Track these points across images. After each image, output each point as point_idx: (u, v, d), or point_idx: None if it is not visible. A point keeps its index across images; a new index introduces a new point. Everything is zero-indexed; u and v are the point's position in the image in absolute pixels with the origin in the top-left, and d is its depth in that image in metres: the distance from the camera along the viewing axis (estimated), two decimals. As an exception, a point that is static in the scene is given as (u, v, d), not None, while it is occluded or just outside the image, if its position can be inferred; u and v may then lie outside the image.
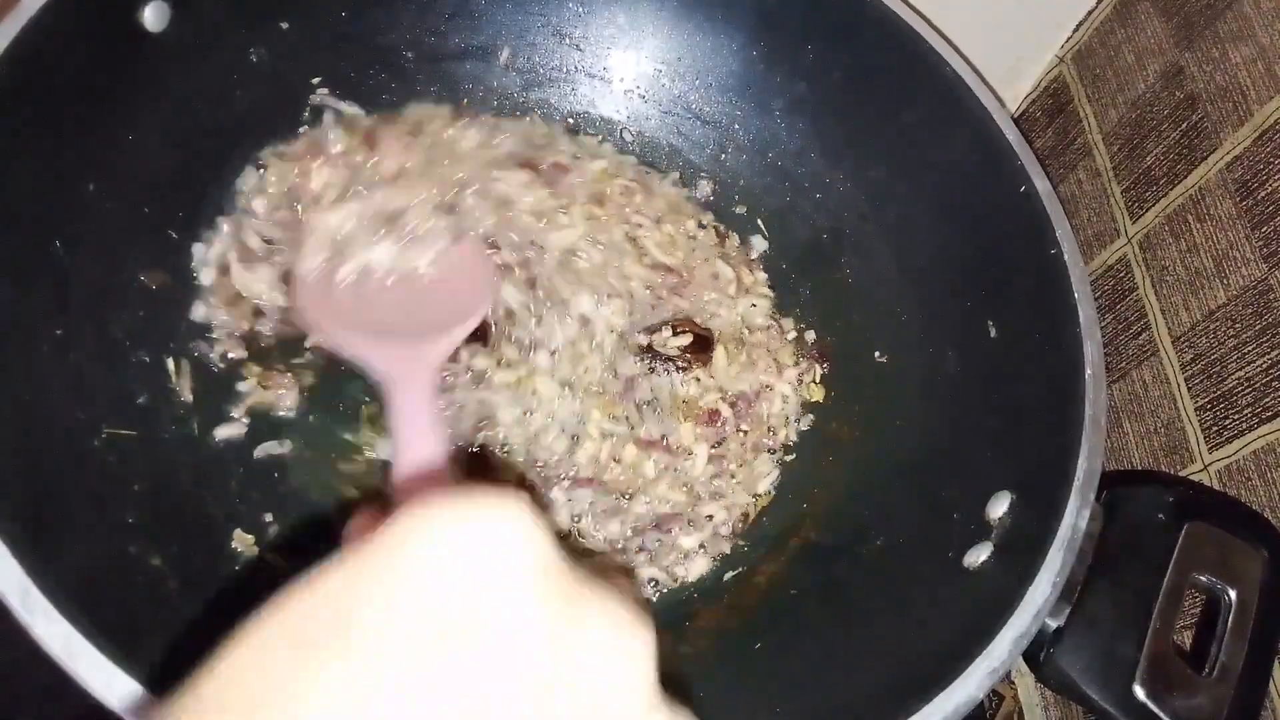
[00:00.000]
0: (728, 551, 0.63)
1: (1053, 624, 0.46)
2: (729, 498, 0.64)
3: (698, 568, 0.61)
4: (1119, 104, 0.72)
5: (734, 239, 0.73)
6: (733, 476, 0.65)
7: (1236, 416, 0.58)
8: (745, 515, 0.64)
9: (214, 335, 0.59)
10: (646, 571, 0.60)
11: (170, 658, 0.41)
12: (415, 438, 0.47)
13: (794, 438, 0.68)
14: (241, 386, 0.59)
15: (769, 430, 0.67)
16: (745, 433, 0.66)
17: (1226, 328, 0.59)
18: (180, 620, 0.45)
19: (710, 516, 0.63)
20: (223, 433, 0.57)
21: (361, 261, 0.58)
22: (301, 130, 0.65)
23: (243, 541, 0.53)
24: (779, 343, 0.70)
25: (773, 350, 0.70)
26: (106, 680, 0.36)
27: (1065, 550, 0.46)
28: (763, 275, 0.72)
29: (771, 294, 0.72)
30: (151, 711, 0.36)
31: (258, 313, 0.60)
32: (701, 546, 0.62)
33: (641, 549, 0.61)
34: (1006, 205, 0.58)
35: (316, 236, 0.58)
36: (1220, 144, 0.61)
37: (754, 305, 0.70)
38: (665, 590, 0.60)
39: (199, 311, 0.59)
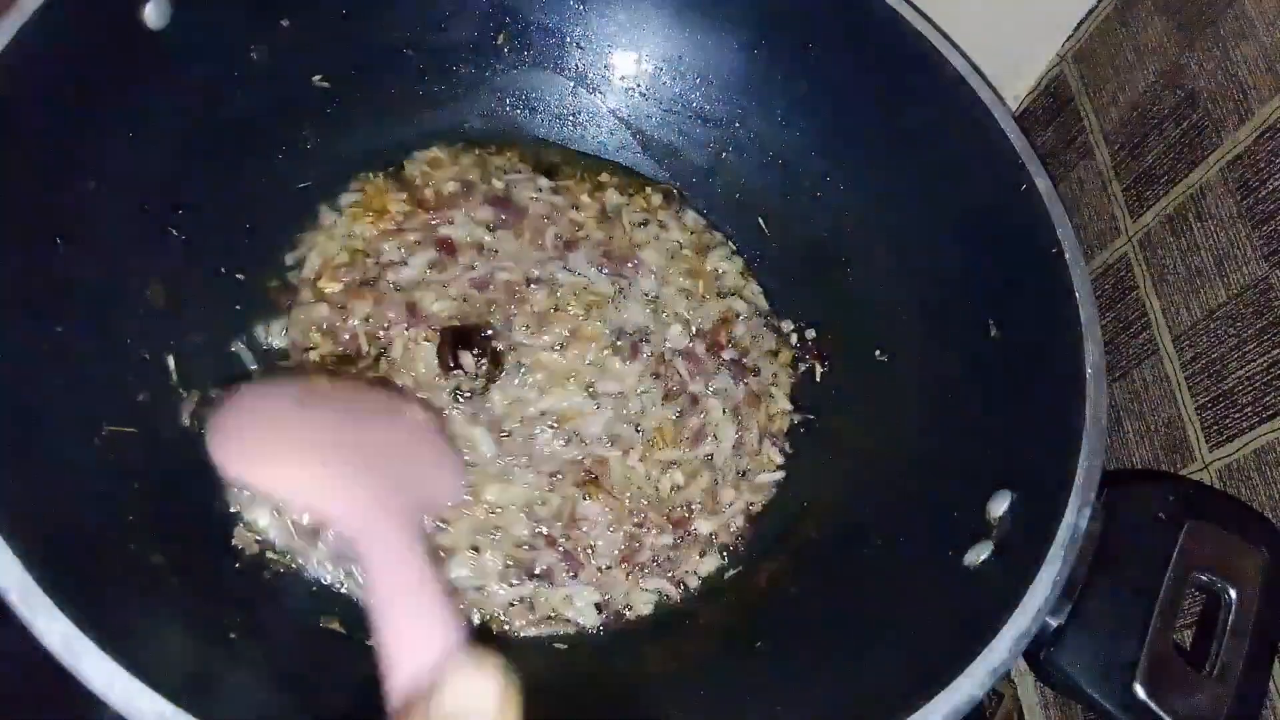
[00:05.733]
0: (730, 550, 0.63)
1: (1053, 623, 0.46)
2: (746, 482, 0.65)
3: (708, 565, 0.62)
4: (1120, 103, 0.72)
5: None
6: (748, 459, 0.66)
7: (1237, 415, 0.58)
8: (750, 506, 0.65)
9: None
10: (652, 584, 0.60)
11: (170, 655, 0.41)
12: (405, 617, 0.38)
13: (793, 437, 0.68)
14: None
15: (770, 418, 0.68)
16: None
17: (1227, 327, 0.59)
18: (181, 618, 0.45)
19: (730, 503, 0.64)
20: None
21: None
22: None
23: (244, 539, 0.53)
24: (779, 345, 0.71)
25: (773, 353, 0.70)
26: (107, 679, 0.36)
27: (1065, 549, 0.46)
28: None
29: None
30: None
31: None
32: (714, 536, 0.62)
33: (654, 560, 0.61)
34: (1007, 204, 0.58)
35: None
36: (1221, 142, 0.61)
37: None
38: (668, 602, 0.60)
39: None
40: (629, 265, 0.70)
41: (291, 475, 0.45)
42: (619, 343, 0.66)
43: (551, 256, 0.68)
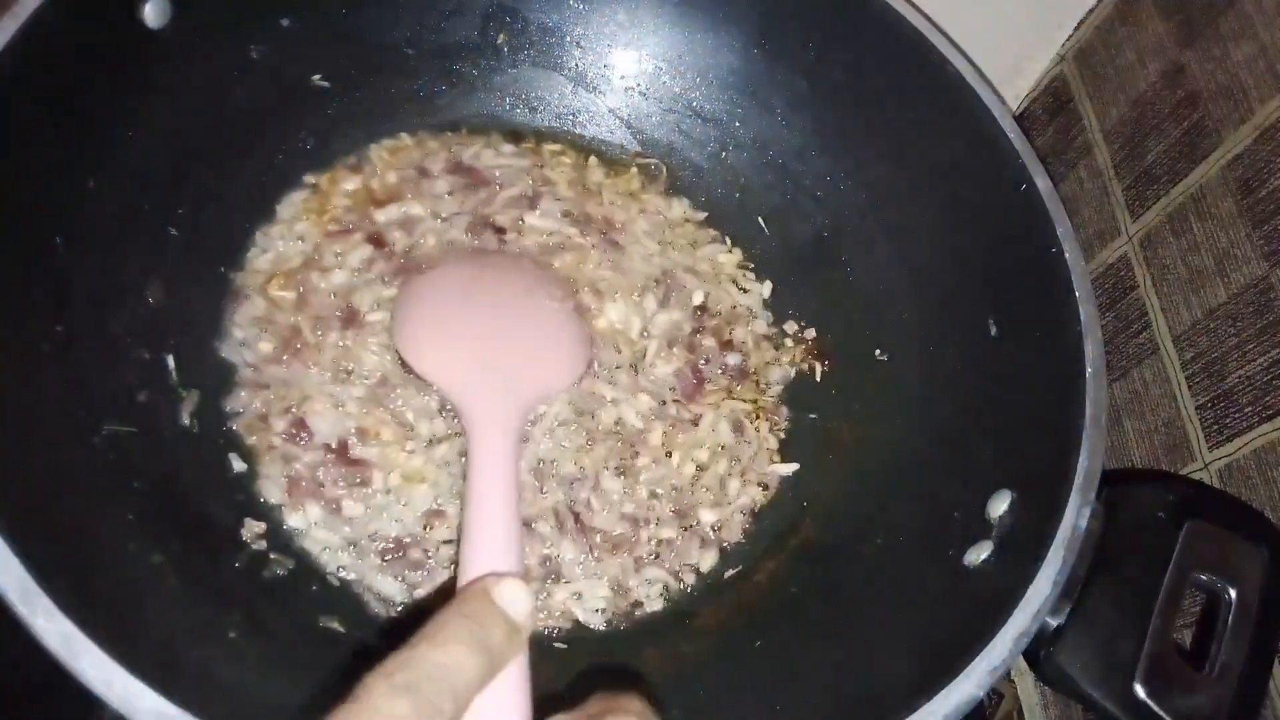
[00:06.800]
0: (731, 546, 0.63)
1: (1053, 622, 0.46)
2: (750, 471, 0.65)
3: (708, 560, 0.62)
4: (1120, 102, 0.72)
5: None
6: (751, 445, 0.66)
7: (1237, 415, 0.58)
8: (753, 503, 0.65)
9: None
10: (652, 573, 0.60)
11: (170, 655, 0.41)
12: (490, 489, 0.47)
13: (791, 434, 0.68)
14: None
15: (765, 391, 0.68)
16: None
17: (1227, 326, 0.59)
18: (181, 617, 0.45)
19: (737, 495, 0.64)
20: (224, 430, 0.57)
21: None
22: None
23: (251, 532, 0.54)
24: (779, 341, 0.71)
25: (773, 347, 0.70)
26: (106, 679, 0.36)
27: (1065, 549, 0.46)
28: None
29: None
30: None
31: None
32: (716, 528, 0.62)
33: (655, 555, 0.61)
34: (1007, 203, 0.58)
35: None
36: (1221, 142, 0.61)
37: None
38: (669, 595, 0.60)
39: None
40: (608, 225, 0.70)
41: (443, 370, 0.57)
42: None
43: (508, 205, 0.68)
